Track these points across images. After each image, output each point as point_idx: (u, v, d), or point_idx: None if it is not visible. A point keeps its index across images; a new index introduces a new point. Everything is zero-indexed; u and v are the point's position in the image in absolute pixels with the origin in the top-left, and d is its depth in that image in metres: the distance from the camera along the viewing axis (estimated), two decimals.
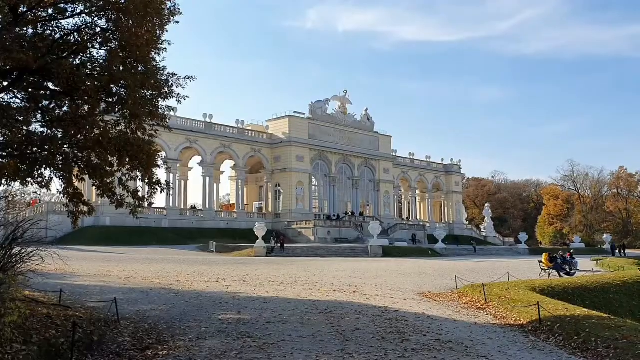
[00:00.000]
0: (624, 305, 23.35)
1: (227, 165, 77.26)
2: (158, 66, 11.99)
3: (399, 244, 59.89)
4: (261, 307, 13.76)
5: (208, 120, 68.75)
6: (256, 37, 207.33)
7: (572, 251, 38.74)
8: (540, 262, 30.64)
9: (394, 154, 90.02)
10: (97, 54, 11.46)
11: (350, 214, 76.75)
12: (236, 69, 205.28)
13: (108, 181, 11.61)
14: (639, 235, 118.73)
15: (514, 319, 13.26)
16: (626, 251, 65.44)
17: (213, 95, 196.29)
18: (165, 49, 12.27)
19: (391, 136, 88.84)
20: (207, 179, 68.57)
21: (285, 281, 21.28)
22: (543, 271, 29.64)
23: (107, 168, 11.46)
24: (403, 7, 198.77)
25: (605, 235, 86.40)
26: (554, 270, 29.49)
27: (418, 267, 33.24)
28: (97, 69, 11.08)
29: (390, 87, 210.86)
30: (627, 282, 27.88)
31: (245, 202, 75.34)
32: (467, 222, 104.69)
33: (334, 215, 73.69)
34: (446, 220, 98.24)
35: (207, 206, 67.99)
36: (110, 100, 11.57)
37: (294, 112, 75.40)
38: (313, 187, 77.28)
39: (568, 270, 30.73)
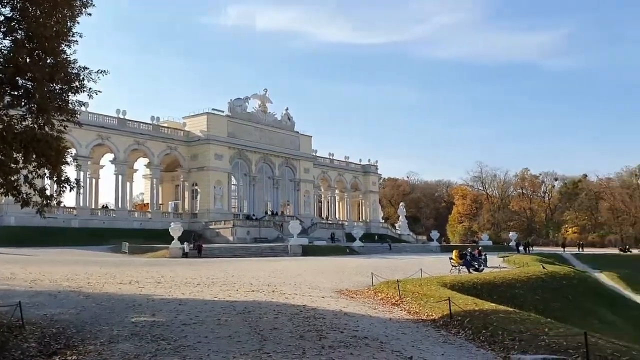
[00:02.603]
0: (528, 299, 24.79)
1: (141, 163, 74.61)
2: (68, 59, 11.46)
3: (318, 243, 60.44)
4: (176, 309, 13.46)
5: (121, 116, 66.25)
6: (174, 33, 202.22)
7: (480, 248, 40.69)
8: (451, 258, 31.93)
9: (314, 154, 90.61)
10: (1, 44, 10.80)
11: (270, 213, 76.56)
12: (153, 65, 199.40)
13: (12, 179, 10.96)
14: (542, 233, 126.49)
15: (426, 314, 13.75)
16: (530, 248, 69.30)
17: (128, 90, 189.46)
18: (77, 41, 11.74)
19: (311, 136, 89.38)
20: (120, 177, 66.10)
21: (202, 282, 20.94)
22: (454, 267, 30.87)
23: (12, 165, 10.80)
24: (321, 8, 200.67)
25: (511, 233, 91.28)
26: (463, 267, 30.81)
27: (336, 265, 33.69)
28: (1, 59, 10.43)
29: (309, 88, 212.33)
30: (531, 277, 29.69)
31: (161, 202, 73.25)
32: (383, 221, 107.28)
33: (254, 215, 73.27)
34: (364, 219, 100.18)
35: (120, 206, 65.56)
36: (16, 93, 10.93)
37: (213, 109, 74.16)
38: (232, 186, 76.34)
39: (477, 266, 32.20)
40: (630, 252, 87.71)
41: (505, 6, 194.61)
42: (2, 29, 10.57)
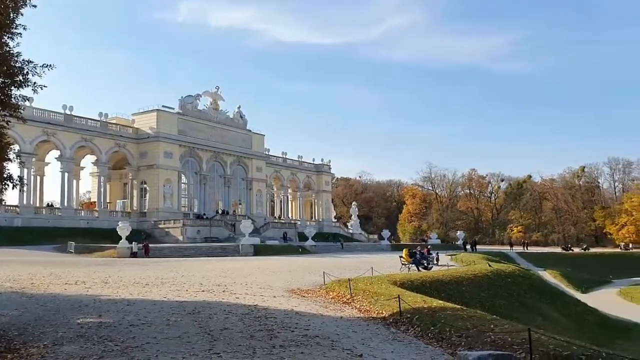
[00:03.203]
0: (474, 296, 25.38)
1: (88, 161, 72.30)
2: (11, 52, 11.05)
3: (270, 242, 60.25)
4: (124, 310, 13.18)
5: (68, 112, 64.14)
6: (125, 28, 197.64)
7: (429, 247, 41.47)
8: (401, 257, 32.42)
9: (266, 153, 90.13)
10: None
11: (221, 212, 75.76)
12: (103, 60, 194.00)
13: None
14: (489, 232, 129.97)
15: (376, 312, 13.91)
16: (477, 247, 71.07)
17: (75, 86, 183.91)
18: (20, 34, 11.33)
19: (264, 135, 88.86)
20: (66, 174, 64.02)
21: (151, 282, 20.56)
22: (403, 266, 31.35)
23: None
24: (275, 7, 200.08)
25: (458, 232, 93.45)
26: (413, 265, 31.35)
27: (288, 265, 33.68)
28: None
29: (263, 86, 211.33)
30: (478, 275, 30.43)
31: (108, 200, 71.39)
32: (336, 220, 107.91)
33: (204, 214, 72.35)
34: (316, 218, 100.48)
35: (66, 204, 63.49)
36: None
37: (163, 106, 72.75)
38: (182, 184, 75.15)
39: (426, 264, 32.81)
40: (572, 250, 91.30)
41: (457, 10, 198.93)
42: None
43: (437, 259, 39.78)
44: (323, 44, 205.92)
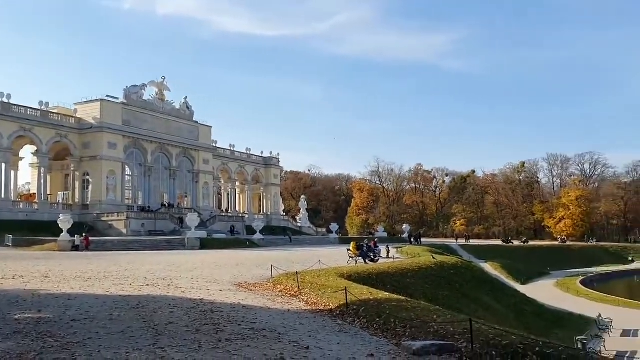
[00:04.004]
0: (418, 288, 25.91)
1: (27, 151, 69.64)
2: None
3: (217, 236, 59.68)
4: (65, 305, 12.77)
5: (5, 100, 61.46)
6: (68, 15, 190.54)
7: (376, 240, 42.03)
8: (349, 250, 32.71)
9: (214, 145, 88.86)
10: None
11: (166, 205, 74.38)
12: (44, 48, 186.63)
13: None
14: (433, 226, 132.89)
15: (324, 305, 13.99)
16: (421, 240, 72.54)
17: (14, 74, 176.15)
18: None
19: (211, 126, 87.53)
20: (4, 165, 61.35)
21: (94, 276, 20.00)
22: (351, 259, 31.65)
23: None
24: None
25: (404, 225, 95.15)
26: (360, 258, 31.70)
27: (235, 258, 33.45)
28: None
29: (210, 78, 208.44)
30: (422, 267, 31.10)
31: (49, 192, 68.83)
32: (285, 214, 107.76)
33: (149, 207, 70.87)
34: (265, 211, 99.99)
35: (3, 196, 60.87)
36: None
37: (107, 96, 70.63)
38: (126, 176, 73.31)
39: (372, 257, 33.25)
40: (512, 243, 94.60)
41: (402, 8, 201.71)
42: None
43: (389, 251, 40.64)
44: (271, 36, 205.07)
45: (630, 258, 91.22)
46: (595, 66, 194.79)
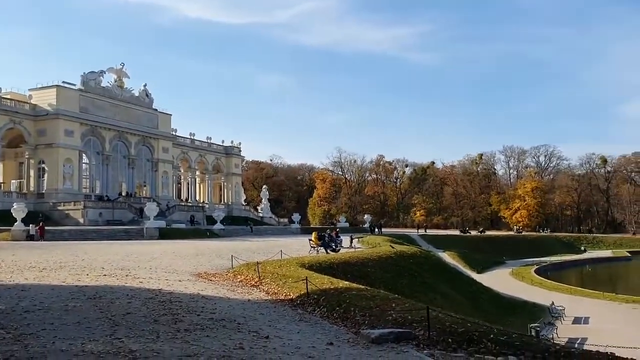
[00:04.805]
0: (378, 277, 26.22)
1: None
2: None
3: (176, 226, 58.97)
4: (18, 296, 12.43)
5: None
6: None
7: (338, 230, 42.28)
8: (310, 240, 32.86)
9: (174, 133, 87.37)
10: None
11: (125, 194, 72.99)
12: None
13: None
14: (394, 216, 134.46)
15: (284, 294, 14.03)
16: (382, 230, 73.37)
17: None
18: None
19: (171, 114, 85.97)
20: None
21: (49, 267, 19.52)
22: (312, 249, 31.81)
23: None
24: None
25: (366, 216, 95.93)
26: (322, 248, 31.87)
27: (195, 249, 33.15)
28: None
29: (171, 65, 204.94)
30: (382, 257, 31.45)
31: (2, 180, 66.76)
32: (246, 204, 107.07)
33: (107, 196, 69.43)
34: (225, 201, 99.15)
35: None
36: None
37: (63, 82, 68.62)
38: (84, 165, 71.60)
39: (334, 247, 33.45)
40: (469, 233, 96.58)
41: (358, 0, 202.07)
42: None
43: (352, 240, 41.13)
44: (233, 23, 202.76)
45: (582, 248, 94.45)
46: (549, 61, 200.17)
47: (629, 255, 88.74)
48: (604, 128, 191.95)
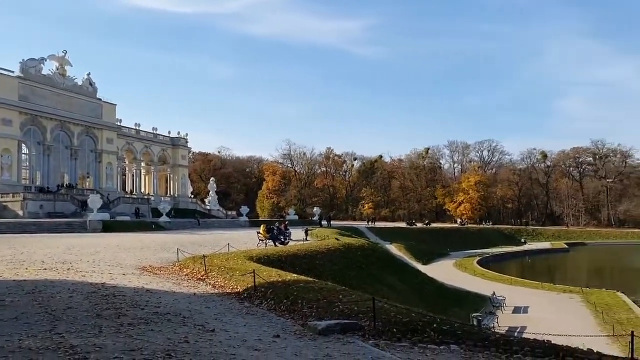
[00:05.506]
0: (326, 269, 26.43)
1: None
2: None
3: (121, 218, 57.65)
4: None
5: None
6: None
7: (286, 222, 42.30)
8: (259, 233, 32.72)
9: (118, 124, 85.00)
10: None
11: (67, 186, 70.65)
12: None
13: None
14: (343, 208, 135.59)
15: (231, 288, 13.96)
16: (331, 222, 73.90)
17: None
18: None
19: (116, 104, 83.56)
20: None
21: None
22: (261, 241, 31.68)
23: None
24: None
25: (315, 208, 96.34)
26: (270, 240, 31.81)
27: (140, 241, 32.50)
28: None
29: (117, 54, 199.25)
30: (330, 249, 31.71)
31: None
32: (193, 196, 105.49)
33: (48, 188, 67.05)
34: (172, 193, 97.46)
35: None
36: None
37: (0, 68, 65.72)
38: (23, 155, 68.89)
39: (283, 239, 33.46)
40: (415, 225, 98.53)
41: None
42: None
43: (307, 233, 41.24)
44: (183, 12, 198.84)
45: (522, 240, 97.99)
46: (493, 56, 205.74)
47: (567, 247, 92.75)
48: (544, 123, 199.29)
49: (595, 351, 8.03)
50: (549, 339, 8.50)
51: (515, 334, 23.79)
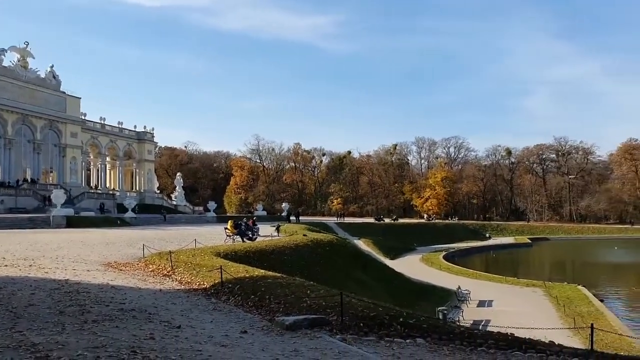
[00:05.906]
0: (295, 265, 26.39)
1: None
2: None
3: (85, 214, 56.58)
4: None
5: None
6: None
7: (254, 218, 42.14)
8: (226, 228, 32.49)
9: (83, 118, 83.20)
10: None
11: (29, 181, 68.93)
12: None
13: None
14: (312, 204, 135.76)
15: (198, 284, 13.85)
16: (300, 218, 73.93)
17: None
18: None
19: (80, 98, 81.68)
20: None
21: None
22: (228, 237, 31.46)
23: None
24: None
25: (284, 204, 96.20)
26: (238, 236, 31.62)
27: (105, 237, 31.97)
28: None
29: (83, 47, 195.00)
30: (299, 244, 31.67)
31: None
32: (159, 191, 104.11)
33: (9, 182, 65.32)
34: (138, 189, 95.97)
35: None
36: None
37: None
38: None
39: (250, 235, 33.27)
40: (383, 221, 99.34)
41: None
42: None
43: (278, 229, 41.07)
44: (151, 6, 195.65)
45: (487, 235, 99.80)
46: (460, 54, 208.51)
47: (530, 241, 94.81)
48: (509, 120, 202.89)
49: (556, 343, 8.25)
50: (512, 332, 8.69)
51: (480, 327, 24.25)
